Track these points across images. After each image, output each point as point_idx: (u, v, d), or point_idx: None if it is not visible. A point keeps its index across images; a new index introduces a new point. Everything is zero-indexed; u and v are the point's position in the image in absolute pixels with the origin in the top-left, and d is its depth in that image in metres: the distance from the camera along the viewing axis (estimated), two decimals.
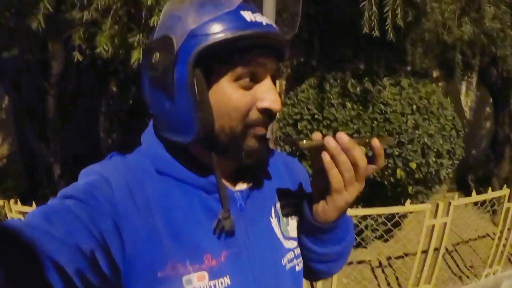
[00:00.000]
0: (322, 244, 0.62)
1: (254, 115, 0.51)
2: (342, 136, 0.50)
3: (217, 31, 0.47)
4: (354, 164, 0.51)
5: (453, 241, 3.26)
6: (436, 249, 2.36)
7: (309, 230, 0.61)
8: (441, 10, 2.43)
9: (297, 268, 0.63)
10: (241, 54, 0.48)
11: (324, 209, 0.56)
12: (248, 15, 0.49)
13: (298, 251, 0.64)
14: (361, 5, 1.94)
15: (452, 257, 3.13)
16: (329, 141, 0.51)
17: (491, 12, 2.51)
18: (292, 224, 0.65)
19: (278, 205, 0.64)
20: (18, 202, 2.31)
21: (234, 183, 0.60)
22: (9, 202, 2.26)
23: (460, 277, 2.86)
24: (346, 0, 2.86)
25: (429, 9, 2.21)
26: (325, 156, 0.51)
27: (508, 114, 4.07)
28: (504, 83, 3.88)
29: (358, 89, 2.73)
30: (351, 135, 0.51)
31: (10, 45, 2.54)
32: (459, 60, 3.37)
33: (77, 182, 0.51)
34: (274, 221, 0.62)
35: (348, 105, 2.70)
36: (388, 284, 2.75)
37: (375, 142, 0.52)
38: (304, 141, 0.52)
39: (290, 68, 3.72)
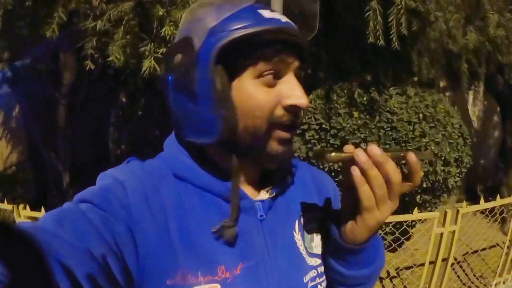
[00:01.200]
0: (349, 266, 0.56)
1: (279, 113, 0.49)
2: (374, 149, 0.46)
3: (236, 27, 0.46)
4: (387, 180, 0.47)
5: (462, 251, 3.20)
6: (445, 259, 2.33)
7: (335, 251, 0.56)
8: (446, 18, 2.45)
9: None
10: (262, 50, 0.47)
11: (353, 229, 0.52)
12: (266, 13, 0.48)
13: (322, 269, 0.59)
14: (366, 15, 1.97)
15: (461, 267, 3.07)
16: (360, 154, 0.46)
17: (495, 20, 2.52)
18: (317, 240, 0.60)
19: (303, 219, 0.60)
20: (27, 207, 2.34)
21: (256, 193, 0.57)
22: (18, 207, 2.29)
23: (469, 287, 2.81)
24: (352, 13, 2.90)
25: (433, 18, 2.23)
26: (355, 171, 0.47)
27: None
28: (511, 91, 3.87)
29: (364, 98, 2.75)
30: (358, 144, 0.50)
31: (23, 54, 2.61)
32: (465, 69, 3.38)
33: (93, 186, 0.51)
34: (297, 236, 0.58)
35: (355, 114, 2.71)
36: None
37: (411, 156, 0.47)
38: (333, 154, 0.47)
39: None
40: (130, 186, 0.49)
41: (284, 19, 0.49)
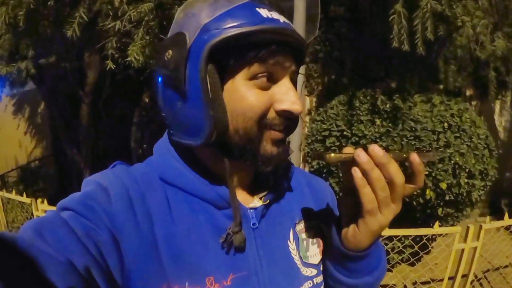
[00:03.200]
0: (351, 275, 0.54)
1: (271, 116, 0.48)
2: (376, 149, 0.44)
3: (231, 25, 0.44)
4: (390, 182, 0.45)
5: (482, 267, 3.06)
6: (465, 276, 2.22)
7: (336, 258, 0.54)
8: (473, 24, 2.35)
9: None
10: (257, 51, 0.45)
11: (354, 234, 0.49)
12: (264, 12, 0.46)
13: (318, 280, 0.57)
14: (390, 19, 1.91)
15: (481, 284, 2.93)
16: (360, 154, 0.44)
17: None
18: (313, 249, 0.57)
19: (298, 227, 0.57)
20: (45, 201, 2.40)
21: (249, 200, 0.55)
22: (36, 201, 2.34)
23: None
24: (378, 19, 2.84)
25: (460, 23, 2.14)
26: (356, 172, 0.45)
27: None
28: None
29: (388, 105, 2.68)
30: (384, 149, 0.47)
31: (48, 53, 2.69)
32: (493, 77, 3.24)
33: (76, 193, 0.48)
34: (292, 245, 0.55)
35: (378, 121, 2.64)
36: None
37: (414, 157, 0.45)
38: (332, 155, 0.45)
39: (321, 86, 3.72)
40: (114, 192, 0.47)
41: (282, 19, 0.47)
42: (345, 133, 2.69)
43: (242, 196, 0.54)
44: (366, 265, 0.53)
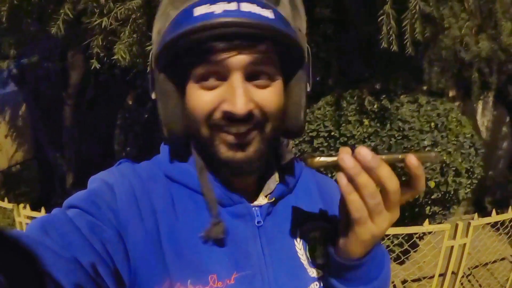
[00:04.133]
0: (348, 283, 0.50)
1: (217, 117, 0.45)
2: (363, 151, 0.40)
3: (168, 34, 0.44)
4: (382, 188, 0.41)
5: (469, 264, 3.12)
6: (453, 273, 2.26)
7: (332, 266, 0.51)
8: (459, 26, 2.40)
9: None
10: (196, 53, 0.44)
11: (346, 243, 0.46)
12: (199, 10, 0.43)
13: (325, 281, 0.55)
14: (378, 20, 1.92)
15: (469, 281, 2.99)
16: (345, 158, 0.40)
17: (508, 28, 2.47)
18: (320, 250, 0.55)
19: (305, 227, 0.55)
20: (28, 207, 2.31)
21: (253, 198, 0.54)
22: (18, 206, 2.26)
23: None
24: (364, 20, 2.87)
25: (447, 24, 2.18)
26: (341, 179, 0.41)
27: None
28: None
29: (375, 106, 2.70)
30: (373, 149, 0.44)
31: (30, 52, 2.61)
32: (477, 79, 3.32)
33: (81, 190, 0.49)
34: (299, 245, 0.54)
35: (366, 122, 2.66)
36: None
37: (411, 159, 0.40)
38: (315, 159, 0.42)
39: None
40: (119, 189, 0.48)
41: (226, 8, 0.42)
42: (333, 133, 2.69)
43: (246, 194, 0.53)
44: (363, 275, 0.49)
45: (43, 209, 2.22)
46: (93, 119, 4.47)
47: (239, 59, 0.43)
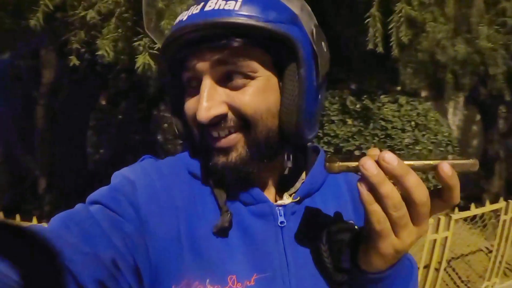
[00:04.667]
0: None
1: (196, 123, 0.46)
2: (388, 157, 0.35)
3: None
4: (407, 199, 0.36)
5: (447, 257, 3.25)
6: (427, 266, 2.35)
7: (352, 277, 0.47)
8: (438, 30, 2.50)
9: None
10: (179, 61, 0.46)
11: (366, 254, 0.42)
12: (181, 16, 0.45)
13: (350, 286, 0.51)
14: (365, 21, 1.97)
15: (447, 273, 3.11)
16: (367, 165, 0.36)
17: (484, 32, 2.60)
18: (347, 254, 0.50)
19: (333, 228, 0.50)
20: (1, 214, 2.18)
21: (277, 197, 0.52)
22: None
23: None
24: (342, 22, 2.93)
25: (429, 28, 2.26)
26: (361, 187, 0.37)
27: (496, 131, 4.19)
28: (492, 101, 4.01)
29: (357, 106, 2.77)
30: (351, 152, 0.40)
31: (2, 49, 2.45)
32: (450, 80, 3.47)
33: (104, 186, 0.48)
34: (324, 247, 0.49)
35: (349, 121, 2.72)
36: None
37: (444, 167, 0.35)
38: (336, 164, 0.38)
39: None
40: (140, 185, 0.47)
41: (190, 13, 0.43)
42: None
43: (270, 193, 0.52)
44: None
45: (17, 217, 2.09)
46: (66, 120, 4.28)
47: (203, 63, 0.43)
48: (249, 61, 0.43)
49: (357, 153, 2.57)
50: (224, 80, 0.44)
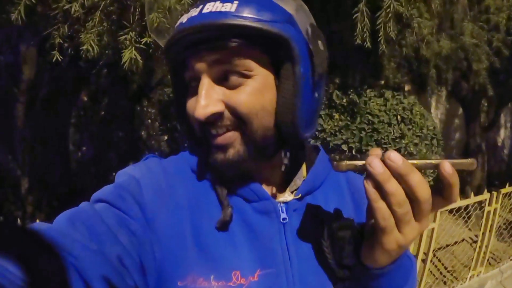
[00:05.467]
0: None
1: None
2: (393, 156, 0.37)
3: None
4: (412, 196, 0.38)
5: (433, 247, 3.35)
6: (422, 259, 2.40)
7: (355, 272, 0.49)
8: (424, 26, 2.54)
9: None
10: (180, 62, 0.48)
11: (370, 250, 0.44)
12: (180, 20, 0.47)
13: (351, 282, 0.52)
14: (353, 17, 1.98)
15: (433, 263, 3.19)
16: (374, 163, 0.37)
17: (469, 28, 2.66)
18: (348, 250, 0.51)
19: (334, 225, 0.51)
20: None
21: (280, 194, 0.53)
22: None
23: (444, 282, 2.92)
24: (326, 17, 2.94)
25: (415, 24, 2.29)
26: (368, 185, 0.39)
27: (478, 125, 4.30)
28: (474, 96, 4.11)
29: (344, 100, 2.79)
30: (339, 146, 0.41)
31: None
32: (433, 74, 3.54)
33: (109, 185, 0.49)
34: (326, 243, 0.50)
35: (336, 116, 2.74)
36: None
37: (445, 166, 0.37)
38: (343, 162, 0.39)
39: None
40: (145, 183, 0.48)
41: (191, 14, 0.45)
42: None
43: (272, 190, 0.53)
44: (385, 284, 0.47)
45: (0, 218, 2.02)
46: (47, 118, 4.16)
47: (202, 63, 0.45)
48: (245, 60, 0.44)
49: (344, 147, 2.59)
50: (222, 80, 0.45)
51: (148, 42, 1.41)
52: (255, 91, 0.45)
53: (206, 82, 0.44)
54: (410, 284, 0.50)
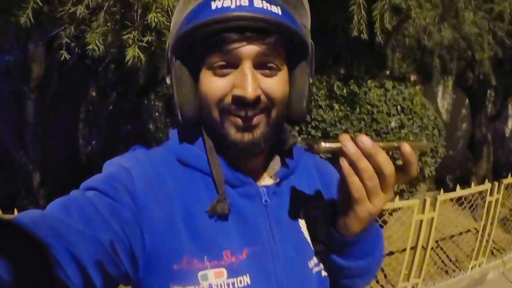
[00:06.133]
0: (345, 258, 0.56)
1: (227, 102, 0.50)
2: (364, 139, 0.44)
3: (185, 24, 0.50)
4: (379, 172, 0.45)
5: (436, 237, 3.35)
6: (423, 247, 2.43)
7: (331, 241, 0.56)
8: (424, 16, 2.53)
9: (323, 273, 0.59)
10: (210, 43, 0.49)
11: (346, 220, 0.51)
12: (215, 4, 0.48)
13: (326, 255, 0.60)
14: (350, 9, 2.00)
15: (436, 254, 3.22)
16: (348, 145, 0.44)
17: (470, 18, 2.64)
18: (321, 227, 0.59)
19: (307, 206, 0.60)
20: None
21: (261, 179, 0.59)
22: None
23: (446, 271, 2.94)
24: (331, 8, 2.94)
25: (414, 14, 2.30)
26: (343, 162, 0.46)
27: (484, 115, 4.26)
28: (480, 86, 4.07)
29: (344, 91, 2.81)
30: (333, 137, 0.49)
31: None
32: (438, 64, 3.52)
33: (99, 174, 0.51)
34: (302, 222, 0.59)
35: (336, 106, 2.76)
36: (377, 281, 2.79)
37: (405, 147, 0.45)
38: (322, 144, 0.45)
39: None
40: (136, 173, 0.50)
41: (239, 3, 0.48)
42: None
43: (254, 175, 0.58)
44: (359, 250, 0.55)
45: (15, 211, 2.12)
46: (57, 113, 4.26)
47: (249, 49, 0.48)
48: (279, 56, 0.51)
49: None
50: (258, 68, 0.50)
51: (150, 40, 1.48)
52: (284, 82, 0.53)
53: (251, 67, 0.49)
54: (379, 251, 0.58)
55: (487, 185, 2.72)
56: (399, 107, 2.78)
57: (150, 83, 4.59)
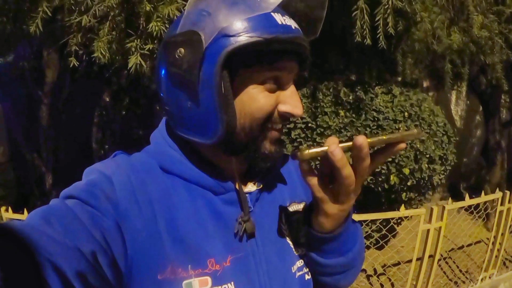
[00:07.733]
0: (324, 255, 0.56)
1: (275, 117, 0.51)
2: (336, 153, 0.45)
3: (249, 33, 0.45)
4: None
5: (447, 247, 3.27)
6: (431, 256, 2.37)
7: (310, 240, 0.56)
8: (431, 20, 2.49)
9: (307, 277, 0.59)
10: (269, 58, 0.47)
11: (318, 218, 0.53)
12: (278, 18, 0.47)
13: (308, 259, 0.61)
14: (353, 14, 1.99)
15: (447, 263, 3.14)
16: (335, 151, 0.45)
17: (479, 21, 2.58)
18: (303, 230, 0.59)
19: (289, 210, 0.60)
20: (10, 209, 2.27)
21: (243, 185, 0.58)
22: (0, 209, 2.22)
23: (455, 282, 2.86)
24: (337, 13, 2.93)
25: (419, 18, 2.27)
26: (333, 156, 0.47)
27: (498, 121, 4.16)
28: (493, 91, 3.98)
29: (350, 97, 2.78)
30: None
31: (5, 51, 2.53)
32: (449, 69, 3.45)
33: (79, 181, 0.49)
34: (284, 226, 0.59)
35: (341, 113, 2.74)
36: None
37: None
38: (305, 152, 0.46)
39: None
40: (117, 180, 0.48)
41: (294, 25, 0.49)
42: (310, 125, 2.75)
43: (237, 181, 0.56)
44: (337, 246, 0.56)
45: (25, 211, 2.18)
46: (70, 117, 4.38)
47: (294, 70, 0.52)
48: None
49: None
50: None
51: (151, 48, 1.51)
52: None
53: (293, 85, 0.52)
54: (358, 248, 0.59)
55: (498, 194, 2.63)
56: (406, 113, 2.73)
57: None
